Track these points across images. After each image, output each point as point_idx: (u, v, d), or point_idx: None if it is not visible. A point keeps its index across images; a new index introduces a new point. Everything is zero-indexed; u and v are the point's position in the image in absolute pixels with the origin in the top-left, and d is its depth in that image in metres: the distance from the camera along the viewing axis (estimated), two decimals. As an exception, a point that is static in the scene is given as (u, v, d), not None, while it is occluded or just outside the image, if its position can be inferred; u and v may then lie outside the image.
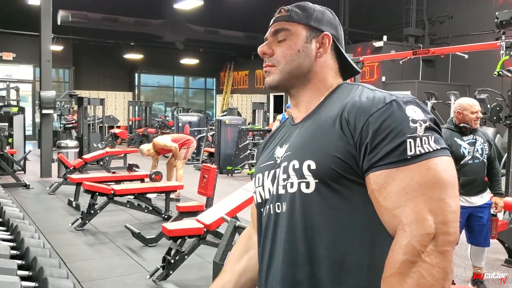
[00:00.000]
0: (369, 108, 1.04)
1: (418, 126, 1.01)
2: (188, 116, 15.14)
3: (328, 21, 1.25)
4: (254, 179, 1.28)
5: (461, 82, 14.33)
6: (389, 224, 1.01)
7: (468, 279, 4.45)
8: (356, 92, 1.13)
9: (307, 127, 1.17)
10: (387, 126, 1.01)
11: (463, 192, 3.95)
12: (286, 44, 1.22)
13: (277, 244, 1.14)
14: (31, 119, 18.29)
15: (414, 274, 0.94)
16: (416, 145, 0.99)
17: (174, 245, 4.25)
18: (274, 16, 1.28)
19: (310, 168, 1.07)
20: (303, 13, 1.23)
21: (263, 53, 1.24)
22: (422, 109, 1.05)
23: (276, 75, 1.22)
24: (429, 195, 0.97)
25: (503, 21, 5.02)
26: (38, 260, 2.96)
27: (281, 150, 1.20)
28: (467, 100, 3.98)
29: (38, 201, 7.80)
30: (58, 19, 15.38)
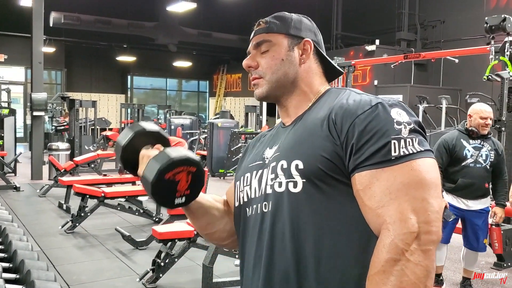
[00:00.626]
0: (355, 110, 1.07)
1: (402, 128, 1.03)
2: (181, 119, 15.11)
3: (306, 27, 1.28)
4: (241, 178, 1.28)
5: (452, 86, 14.40)
6: (373, 223, 1.02)
7: (457, 282, 4.47)
8: (344, 96, 1.15)
9: (296, 129, 1.19)
10: (372, 128, 1.03)
11: (460, 194, 3.98)
12: (269, 54, 1.24)
13: (263, 242, 1.15)
14: (23, 121, 18.19)
15: (397, 272, 0.95)
16: (400, 146, 1.01)
17: (164, 248, 4.24)
18: (253, 29, 1.30)
19: (298, 167, 1.08)
20: (281, 23, 1.26)
21: (248, 66, 1.27)
22: (407, 112, 1.07)
23: (264, 86, 1.25)
24: (412, 195, 0.99)
25: (492, 26, 5.06)
26: (26, 262, 2.95)
27: (270, 151, 1.22)
28: (480, 106, 4.04)
29: (28, 203, 7.75)
30: (50, 21, 15.31)
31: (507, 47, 5.06)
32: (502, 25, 4.98)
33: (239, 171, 1.33)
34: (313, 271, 1.06)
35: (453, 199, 4.03)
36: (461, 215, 4.05)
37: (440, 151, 3.98)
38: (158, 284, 4.21)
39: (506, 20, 4.99)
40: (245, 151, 1.40)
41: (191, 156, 1.22)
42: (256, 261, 1.17)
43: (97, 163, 10.05)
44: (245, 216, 1.24)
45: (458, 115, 13.19)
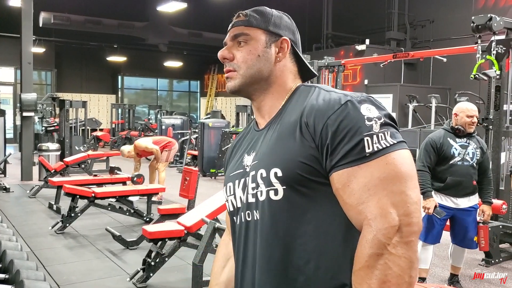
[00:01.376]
0: (326, 111, 1.07)
1: (373, 124, 1.04)
2: (172, 119, 15.11)
3: (286, 26, 1.27)
4: (225, 187, 1.29)
5: (442, 85, 14.52)
6: (355, 220, 1.04)
7: (446, 278, 4.52)
8: (313, 95, 1.15)
9: (271, 135, 1.19)
10: (344, 127, 1.04)
11: (449, 193, 4.02)
12: (246, 49, 1.23)
13: (249, 251, 1.17)
14: (12, 122, 18.08)
15: (381, 266, 0.97)
16: (373, 142, 1.03)
17: (155, 247, 4.24)
18: (231, 20, 1.29)
19: (277, 175, 1.09)
20: (261, 18, 1.25)
21: (223, 57, 1.26)
22: (376, 106, 1.08)
23: (238, 80, 1.24)
24: (390, 189, 1.01)
25: (478, 25, 5.11)
26: (15, 262, 2.95)
27: (249, 158, 1.22)
28: (465, 104, 4.09)
29: (18, 204, 7.71)
30: (40, 21, 15.26)
31: (493, 46, 5.12)
32: (488, 24, 5.04)
33: (225, 179, 1.33)
34: (301, 274, 1.08)
35: (442, 198, 4.06)
36: (450, 214, 4.09)
37: (428, 150, 4.02)
38: (148, 284, 4.21)
39: (492, 20, 5.04)
40: (228, 157, 1.39)
41: None
42: (243, 269, 1.20)
43: (87, 164, 10.03)
44: (233, 225, 1.26)
45: (448, 114, 13.29)
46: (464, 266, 5.02)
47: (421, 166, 4.03)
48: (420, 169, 4.02)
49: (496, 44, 5.13)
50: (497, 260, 5.13)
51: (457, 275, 4.34)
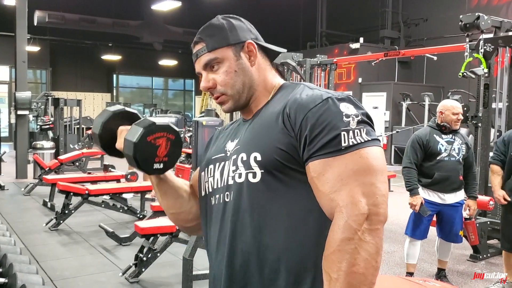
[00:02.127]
0: (307, 104, 1.14)
1: (351, 120, 1.11)
2: (166, 117, 15.16)
3: (241, 28, 1.31)
4: (206, 169, 1.35)
5: (435, 84, 14.61)
6: (327, 207, 1.10)
7: (433, 273, 4.59)
8: (298, 90, 1.23)
9: (254, 123, 1.26)
10: (323, 120, 1.11)
11: (436, 188, 4.10)
12: (221, 71, 1.28)
13: (226, 229, 1.22)
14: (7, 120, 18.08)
15: (352, 250, 1.04)
16: (349, 137, 1.10)
17: (147, 243, 4.30)
18: (191, 49, 1.33)
19: (256, 159, 1.16)
20: (219, 36, 1.28)
21: (207, 88, 1.30)
22: (355, 105, 1.15)
23: (230, 102, 1.30)
24: (362, 180, 1.08)
25: (467, 24, 5.19)
26: (8, 256, 3.00)
27: (231, 144, 1.29)
28: (451, 102, 4.17)
29: (13, 202, 7.76)
30: (35, 20, 15.26)
31: (481, 44, 5.19)
32: (476, 23, 5.12)
33: (203, 162, 1.39)
34: (272, 252, 1.15)
35: (429, 194, 4.13)
36: (436, 210, 4.17)
37: (415, 147, 4.09)
38: (140, 279, 4.27)
39: (480, 18, 5.12)
40: (209, 143, 1.47)
41: (171, 124, 1.32)
42: (219, 245, 1.25)
43: (82, 162, 10.07)
44: (210, 205, 1.32)
45: (441, 112, 13.35)
46: (453, 261, 5.11)
47: (408, 163, 4.10)
48: (407, 166, 4.10)
49: (484, 42, 5.21)
50: (485, 255, 5.21)
51: (444, 270, 4.42)
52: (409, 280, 3.32)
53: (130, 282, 4.22)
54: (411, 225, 4.22)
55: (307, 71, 8.05)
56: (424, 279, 3.42)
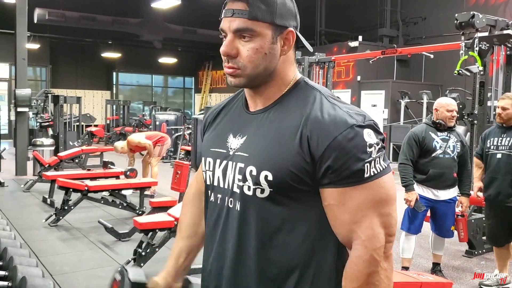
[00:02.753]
0: (331, 131, 1.09)
1: (373, 150, 1.10)
2: (166, 114, 15.22)
3: (290, 13, 1.20)
4: (204, 160, 1.32)
5: (434, 82, 14.66)
6: (344, 235, 1.13)
7: (429, 269, 4.65)
8: (316, 104, 1.16)
9: (266, 129, 1.19)
10: (348, 152, 1.08)
11: (430, 185, 4.16)
12: (251, 46, 1.16)
13: (228, 236, 1.22)
14: (7, 117, 18.13)
15: (378, 281, 1.10)
16: (371, 167, 1.10)
17: (145, 238, 4.35)
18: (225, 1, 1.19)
19: (267, 178, 1.13)
20: (266, 9, 1.14)
21: (227, 54, 1.18)
22: (376, 130, 1.13)
23: (242, 78, 1.19)
24: (380, 211, 1.12)
25: (462, 22, 5.25)
26: (9, 250, 3.06)
27: (235, 141, 1.23)
28: (445, 100, 4.24)
29: (13, 198, 7.81)
30: (35, 17, 15.29)
31: (476, 42, 5.25)
32: (471, 21, 5.17)
33: (203, 148, 1.35)
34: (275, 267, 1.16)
35: (423, 190, 4.20)
36: (430, 205, 4.24)
37: (411, 144, 4.16)
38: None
39: (474, 17, 5.18)
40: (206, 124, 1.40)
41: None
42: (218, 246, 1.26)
43: (81, 159, 10.12)
44: (207, 197, 1.33)
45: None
46: (448, 257, 5.17)
47: (404, 159, 4.16)
48: (403, 163, 4.16)
49: (480, 41, 5.26)
50: (480, 251, 5.27)
51: (439, 264, 4.49)
52: (403, 273, 3.39)
53: (129, 277, 4.27)
54: (406, 220, 4.28)
55: (305, 68, 8.10)
56: (418, 273, 3.49)
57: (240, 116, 1.28)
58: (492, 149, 4.08)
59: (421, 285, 2.96)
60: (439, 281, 3.19)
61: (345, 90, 15.25)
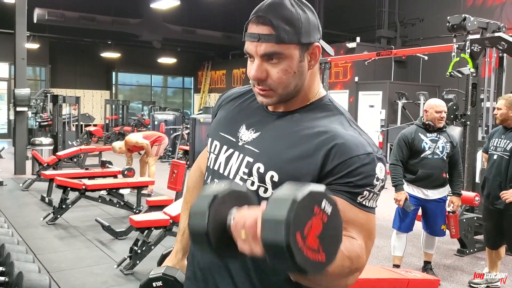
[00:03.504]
0: (351, 151, 1.13)
1: (378, 184, 1.15)
2: (164, 114, 15.31)
3: (314, 27, 1.20)
4: (210, 141, 1.34)
5: (431, 83, 14.74)
6: None
7: (420, 267, 4.73)
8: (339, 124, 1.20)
9: (283, 132, 1.22)
10: (358, 174, 1.12)
11: (420, 184, 4.25)
12: (281, 68, 1.17)
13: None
14: (7, 117, 18.19)
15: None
16: (367, 198, 1.14)
17: (141, 236, 4.43)
18: (253, 20, 1.17)
19: (272, 179, 1.17)
20: (292, 30, 1.15)
21: (258, 79, 1.19)
22: (385, 168, 1.18)
23: (274, 98, 1.21)
24: (367, 241, 1.14)
25: (454, 25, 5.33)
26: (6, 246, 3.13)
27: (246, 134, 1.26)
28: (435, 101, 4.33)
29: (11, 197, 7.88)
30: (34, 17, 15.35)
31: (468, 45, 5.33)
32: (462, 24, 5.25)
33: (212, 129, 1.37)
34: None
35: (413, 189, 4.29)
36: (420, 204, 4.33)
37: (401, 145, 4.25)
38: (135, 271, 4.40)
39: (466, 20, 5.26)
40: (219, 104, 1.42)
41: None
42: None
43: (80, 158, 10.19)
44: (206, 178, 1.36)
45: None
46: (440, 256, 5.25)
47: (394, 160, 4.26)
48: (393, 163, 4.26)
49: (471, 43, 5.34)
50: (472, 250, 5.35)
51: (430, 263, 4.57)
52: (391, 270, 3.46)
53: (125, 274, 4.36)
54: (397, 219, 4.37)
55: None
56: (406, 270, 3.57)
57: (257, 111, 1.30)
58: (492, 149, 4.18)
59: (408, 282, 3.03)
60: (426, 278, 3.27)
61: (342, 90, 15.33)
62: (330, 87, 15.40)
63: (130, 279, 4.29)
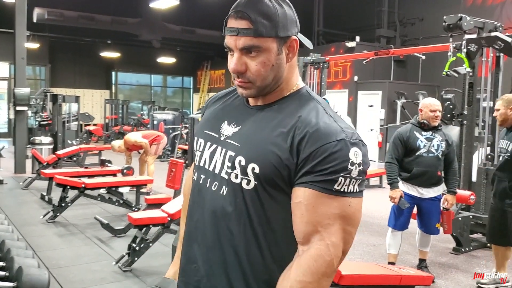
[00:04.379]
0: (322, 138, 1.17)
1: (353, 169, 1.16)
2: (163, 114, 15.34)
3: (291, 21, 1.25)
4: (196, 139, 1.40)
5: (430, 83, 14.77)
6: (305, 232, 1.17)
7: (415, 265, 4.77)
8: (313, 112, 1.23)
9: (261, 125, 1.26)
10: (331, 161, 1.15)
11: (415, 182, 4.30)
12: (259, 60, 1.23)
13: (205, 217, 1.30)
14: (7, 116, 18.23)
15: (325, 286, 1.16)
16: (345, 184, 1.16)
17: (139, 233, 4.48)
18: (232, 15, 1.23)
19: (254, 170, 1.21)
20: (270, 24, 1.20)
21: (237, 71, 1.24)
22: (363, 152, 1.19)
23: (253, 90, 1.26)
24: (345, 227, 1.17)
25: (450, 24, 5.37)
26: (6, 242, 3.18)
27: (228, 128, 1.31)
28: (429, 100, 4.37)
29: (11, 195, 7.93)
30: (34, 17, 15.40)
31: (464, 44, 5.37)
32: (459, 23, 5.30)
33: (198, 128, 1.43)
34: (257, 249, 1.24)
35: (408, 188, 4.34)
36: (415, 203, 4.37)
37: (396, 144, 4.30)
38: (133, 268, 4.45)
39: (462, 19, 5.30)
40: (205, 107, 1.49)
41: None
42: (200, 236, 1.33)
43: (79, 157, 10.24)
44: (194, 177, 1.39)
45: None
46: (436, 254, 5.30)
47: (389, 158, 4.31)
48: (388, 161, 4.31)
49: (467, 42, 5.38)
50: (467, 248, 5.40)
51: (425, 260, 4.61)
52: (385, 266, 3.51)
53: (123, 271, 4.40)
54: (392, 217, 4.42)
55: (300, 69, 8.23)
56: (400, 267, 3.62)
57: (239, 107, 1.35)
58: (498, 151, 4.25)
59: (401, 278, 3.08)
60: (419, 274, 3.31)
61: (342, 90, 15.38)
62: (330, 86, 15.44)
63: (128, 275, 4.34)
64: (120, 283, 4.19)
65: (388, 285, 3.06)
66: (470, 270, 4.82)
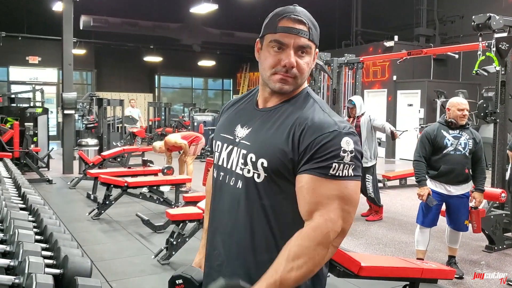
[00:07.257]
0: (317, 131, 1.37)
1: (346, 156, 1.35)
2: (203, 116, 15.70)
3: (318, 35, 1.49)
4: (214, 142, 1.60)
5: (471, 81, 14.52)
6: (308, 210, 1.36)
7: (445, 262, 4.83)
8: (310, 109, 1.44)
9: (268, 124, 1.46)
10: (325, 149, 1.35)
11: (442, 180, 4.39)
12: (306, 61, 1.45)
13: (240, 210, 1.46)
14: (56, 120, 19.03)
15: (320, 255, 1.33)
16: (339, 169, 1.34)
17: (176, 228, 4.74)
18: (289, 17, 1.43)
19: (263, 165, 1.41)
20: (316, 33, 1.45)
21: (292, 65, 1.42)
22: (354, 142, 1.37)
23: (292, 86, 1.45)
24: (343, 206, 1.35)
25: (479, 24, 5.39)
26: (54, 234, 3.48)
27: (241, 131, 1.51)
28: (457, 99, 4.47)
29: (60, 194, 8.40)
30: (80, 24, 16.02)
31: (493, 43, 5.38)
32: (487, 23, 5.32)
33: (215, 132, 1.63)
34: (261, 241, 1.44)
35: (436, 185, 4.43)
36: (443, 200, 4.45)
37: (423, 142, 4.40)
38: (171, 261, 4.71)
39: (491, 19, 5.31)
40: (222, 112, 1.70)
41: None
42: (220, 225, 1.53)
43: (124, 158, 10.66)
44: (215, 176, 1.59)
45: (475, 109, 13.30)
46: (467, 251, 5.33)
47: (417, 156, 4.41)
48: (416, 159, 4.41)
49: (498, 41, 5.39)
50: (500, 247, 5.40)
51: (454, 257, 4.67)
52: (407, 260, 3.62)
53: (162, 264, 4.67)
54: (420, 214, 4.51)
55: (334, 70, 8.33)
56: (424, 261, 3.72)
57: (250, 111, 1.55)
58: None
59: (423, 271, 3.20)
60: (441, 268, 3.41)
61: (381, 89, 15.32)
62: (368, 86, 15.42)
63: (166, 268, 4.60)
64: (158, 275, 4.46)
65: (409, 277, 3.18)
66: (502, 268, 4.84)
